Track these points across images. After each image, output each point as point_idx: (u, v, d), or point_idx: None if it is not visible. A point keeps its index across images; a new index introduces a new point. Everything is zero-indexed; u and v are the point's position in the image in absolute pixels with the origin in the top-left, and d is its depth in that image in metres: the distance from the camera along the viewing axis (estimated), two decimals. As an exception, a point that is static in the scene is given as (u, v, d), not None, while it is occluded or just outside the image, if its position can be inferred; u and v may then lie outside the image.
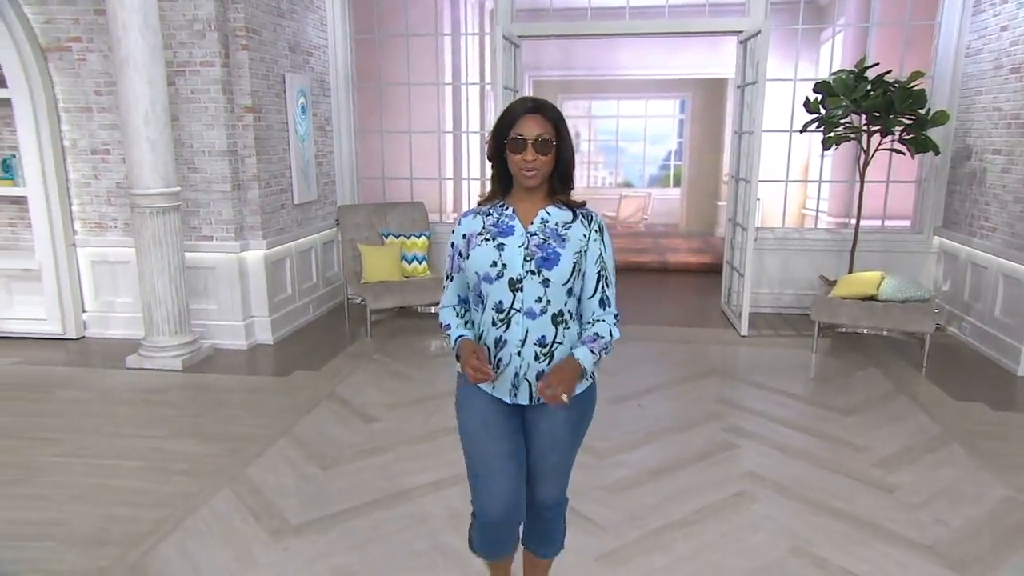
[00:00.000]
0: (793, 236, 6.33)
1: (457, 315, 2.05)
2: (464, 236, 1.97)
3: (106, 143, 5.25)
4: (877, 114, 5.16)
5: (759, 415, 4.13)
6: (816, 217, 7.03)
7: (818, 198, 6.75)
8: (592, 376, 2.03)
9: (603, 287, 1.96)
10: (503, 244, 1.89)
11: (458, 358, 1.98)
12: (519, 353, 1.91)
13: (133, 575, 2.60)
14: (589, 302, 1.95)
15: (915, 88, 5.03)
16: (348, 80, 6.53)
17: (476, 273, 1.91)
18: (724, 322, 6.10)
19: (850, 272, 5.52)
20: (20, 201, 5.42)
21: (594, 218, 1.96)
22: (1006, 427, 3.97)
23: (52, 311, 5.37)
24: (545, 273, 1.87)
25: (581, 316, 1.99)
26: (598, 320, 1.95)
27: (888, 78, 5.13)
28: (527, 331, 1.89)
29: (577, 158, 14.23)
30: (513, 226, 1.92)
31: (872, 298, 4.98)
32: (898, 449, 3.68)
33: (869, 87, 5.12)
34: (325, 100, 6.41)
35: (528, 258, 1.88)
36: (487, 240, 1.91)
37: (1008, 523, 2.99)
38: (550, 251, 1.88)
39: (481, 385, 1.97)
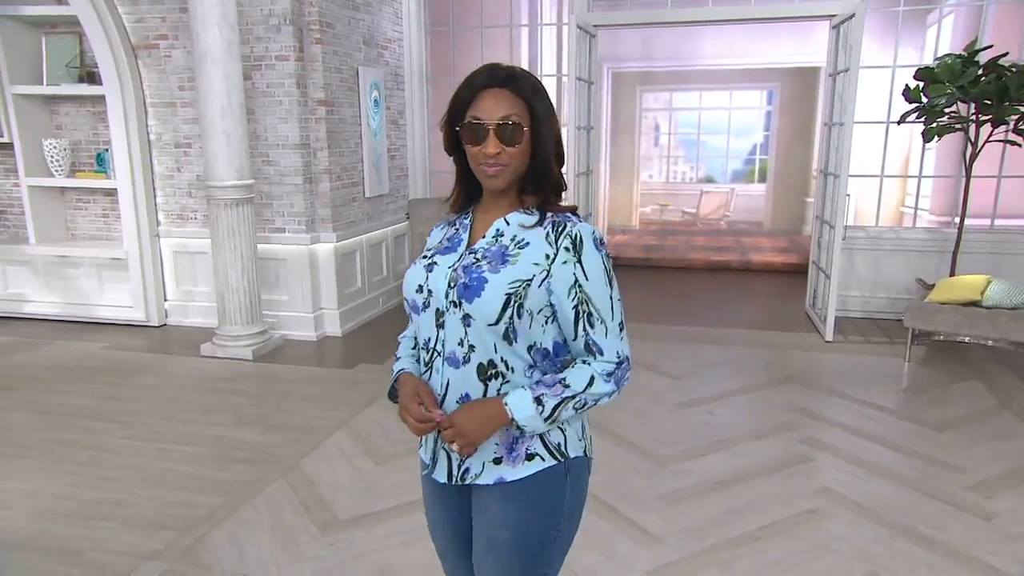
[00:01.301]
0: (888, 235, 5.87)
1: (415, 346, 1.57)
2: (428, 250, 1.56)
3: (188, 137, 5.44)
4: (988, 101, 4.70)
5: (840, 427, 3.81)
6: (915, 215, 6.49)
7: (917, 194, 6.24)
8: (557, 451, 1.42)
9: (585, 327, 1.37)
10: (435, 264, 1.43)
11: (393, 395, 1.54)
12: None
13: (184, 561, 2.63)
14: (575, 348, 1.41)
15: (1033, 72, 4.54)
16: (422, 73, 6.53)
17: (406, 299, 1.49)
18: (808, 326, 5.73)
19: (952, 275, 5.06)
20: (112, 193, 5.69)
21: (567, 229, 1.36)
22: None
23: (137, 299, 5.61)
24: (465, 307, 1.35)
25: (546, 368, 1.43)
26: (583, 364, 1.40)
27: (1003, 62, 4.65)
28: (448, 383, 1.41)
29: (656, 152, 13.88)
30: (462, 240, 1.46)
31: (975, 304, 4.53)
32: (999, 472, 3.30)
33: (980, 72, 4.67)
34: (399, 94, 6.43)
35: (452, 284, 1.38)
36: (424, 258, 1.48)
37: None
38: (475, 276, 1.35)
39: (420, 451, 1.54)
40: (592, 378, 1.37)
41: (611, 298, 1.38)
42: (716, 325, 5.67)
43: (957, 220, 5.21)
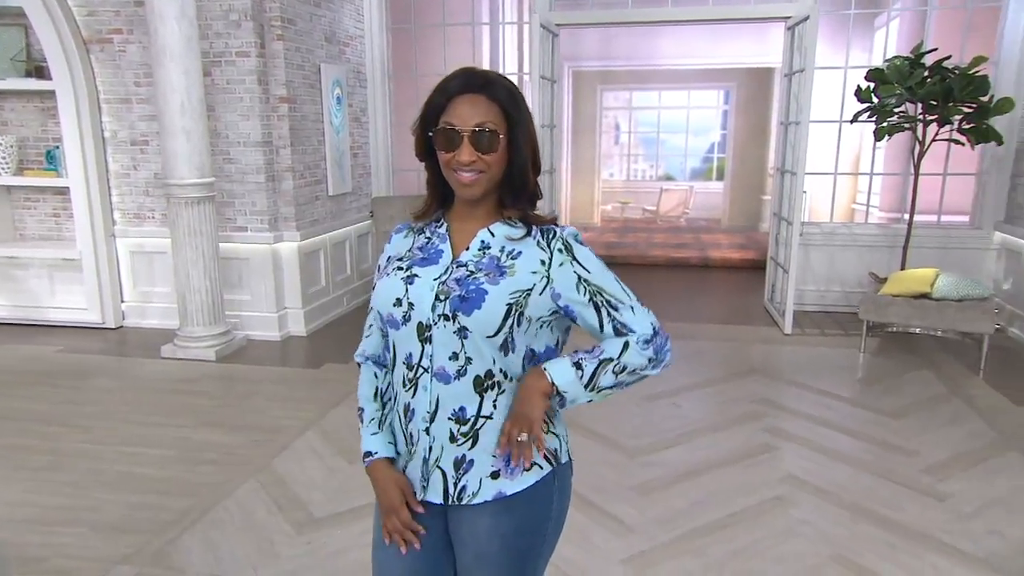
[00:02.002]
0: (841, 231, 6.07)
1: (378, 379, 1.51)
2: (388, 260, 1.47)
3: (145, 134, 5.31)
4: (934, 102, 4.89)
5: (801, 416, 3.94)
6: (867, 212, 6.72)
7: (869, 191, 6.47)
8: (553, 458, 1.41)
9: (611, 313, 1.35)
10: (415, 276, 1.37)
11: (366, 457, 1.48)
12: (427, 430, 1.37)
13: (156, 564, 2.58)
14: (607, 337, 1.37)
15: (977, 74, 4.74)
16: (384, 71, 6.49)
17: (379, 313, 1.42)
18: (767, 320, 5.89)
19: (902, 269, 5.26)
20: (63, 192, 5.52)
21: (556, 234, 1.37)
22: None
23: (92, 300, 5.45)
24: (461, 319, 1.31)
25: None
26: (626, 337, 1.36)
27: (947, 64, 4.85)
28: (437, 399, 1.35)
29: (617, 150, 14.06)
30: (441, 251, 1.39)
31: (925, 296, 4.72)
32: (950, 455, 3.45)
33: (926, 74, 4.86)
34: (361, 91, 6.39)
35: (442, 297, 1.33)
36: (399, 269, 1.40)
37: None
38: (472, 288, 1.31)
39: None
40: (626, 344, 1.34)
41: (617, 282, 1.38)
42: (678, 320, 5.78)
43: (906, 216, 5.41)
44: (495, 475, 1.38)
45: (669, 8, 5.93)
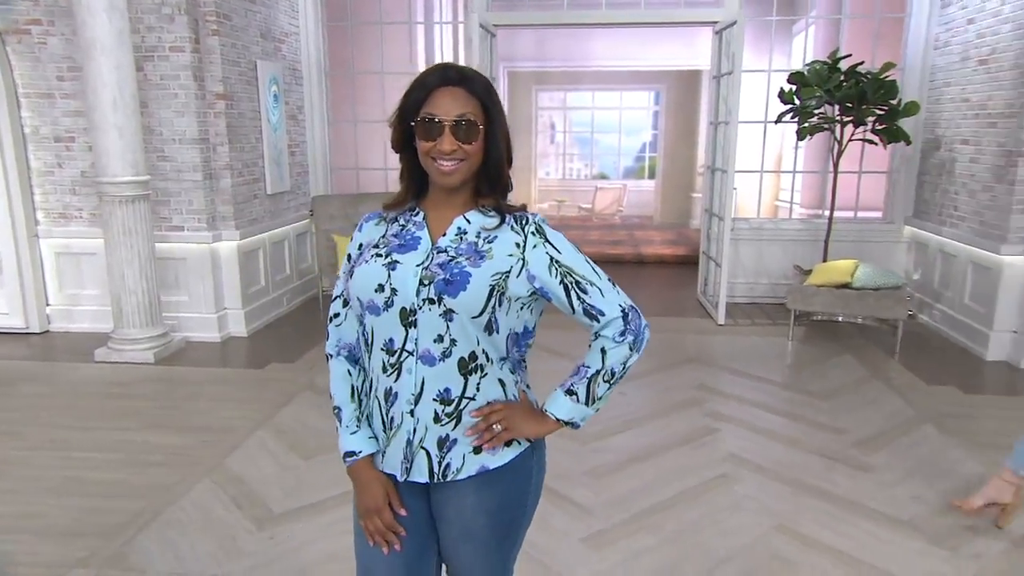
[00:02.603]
0: (768, 226, 6.40)
1: (352, 377, 1.51)
2: (360, 247, 1.49)
3: (70, 130, 5.09)
4: (850, 104, 5.22)
5: (738, 400, 4.16)
6: (791, 208, 7.10)
7: (792, 189, 6.84)
8: (529, 440, 1.48)
9: (580, 295, 1.40)
10: (397, 262, 1.40)
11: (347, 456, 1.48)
12: (411, 412, 1.40)
13: (114, 566, 2.53)
14: (577, 319, 1.45)
15: (887, 79, 5.10)
16: (320, 68, 6.43)
17: (358, 300, 1.42)
18: (701, 312, 6.14)
19: (824, 261, 5.59)
20: (-20, 190, 5.22)
21: (529, 219, 1.43)
22: (975, 408, 4.05)
23: (14, 304, 5.20)
24: (448, 302, 1.35)
25: (517, 359, 1.49)
26: (600, 338, 1.43)
27: (861, 69, 5.20)
28: (423, 382, 1.39)
29: (552, 149, 14.22)
30: (419, 238, 1.43)
31: (846, 286, 5.04)
32: (874, 431, 3.73)
33: (842, 78, 5.19)
34: (297, 88, 6.30)
35: (425, 282, 1.37)
36: (378, 256, 1.42)
37: (981, 498, 3.05)
38: (456, 271, 1.36)
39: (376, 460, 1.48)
40: (603, 350, 1.41)
41: (588, 263, 1.44)
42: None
43: (825, 212, 5.76)
44: (477, 450, 1.43)
45: (604, 11, 6.11)
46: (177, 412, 3.90)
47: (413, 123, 1.39)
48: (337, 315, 1.52)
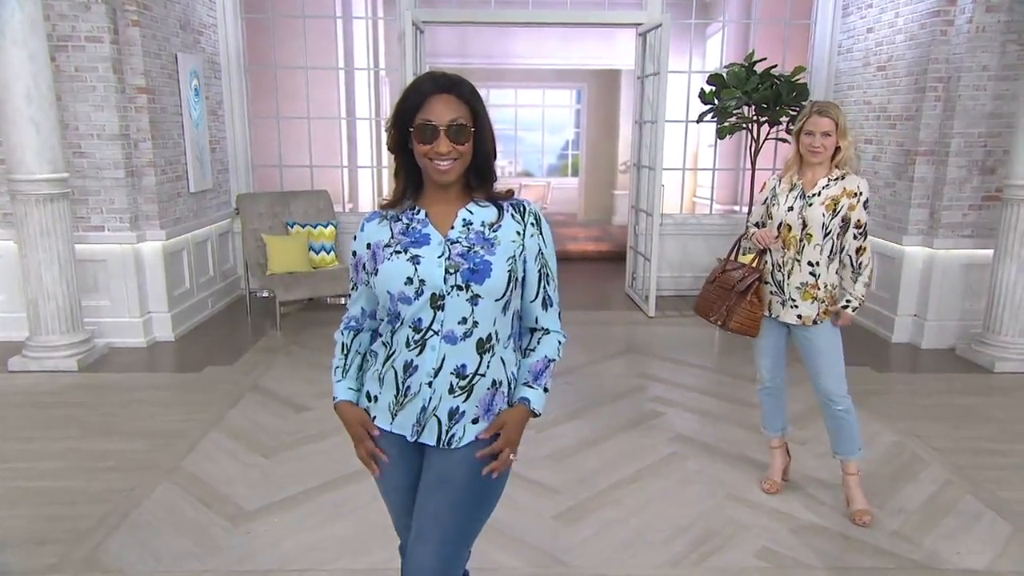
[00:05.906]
0: (691, 221, 6.70)
1: (356, 341, 1.70)
2: (369, 246, 1.61)
3: (-27, 124, 4.72)
4: (765, 105, 5.56)
5: (678, 386, 4.37)
6: (711, 204, 7.46)
7: (712, 185, 7.19)
8: (513, 403, 1.65)
9: (545, 285, 1.65)
10: (418, 256, 1.54)
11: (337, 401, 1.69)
12: (430, 384, 1.55)
13: (88, 569, 2.47)
14: (531, 306, 1.65)
15: (798, 81, 5.47)
16: (240, 62, 6.22)
17: (389, 293, 1.55)
18: (630, 305, 6.37)
19: (743, 254, 5.92)
20: None
21: (527, 208, 1.63)
22: (887, 385, 4.44)
23: (-89, 313, 4.77)
24: (475, 288, 1.52)
25: (517, 333, 1.68)
26: (542, 332, 1.67)
27: (774, 72, 5.55)
28: (443, 358, 1.55)
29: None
30: (428, 234, 1.57)
31: (766, 275, 5.35)
32: (803, 408, 4.00)
33: (758, 80, 5.52)
34: (216, 83, 6.09)
35: (452, 270, 1.53)
36: (398, 253, 1.56)
37: (898, 462, 3.39)
38: (479, 260, 1.53)
39: (377, 418, 1.64)
40: (559, 342, 1.68)
41: (555, 259, 1.69)
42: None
43: (742, 208, 6.10)
44: (475, 421, 1.61)
45: (531, 10, 6.24)
46: (118, 418, 3.73)
47: (412, 128, 1.52)
48: (354, 286, 1.69)
